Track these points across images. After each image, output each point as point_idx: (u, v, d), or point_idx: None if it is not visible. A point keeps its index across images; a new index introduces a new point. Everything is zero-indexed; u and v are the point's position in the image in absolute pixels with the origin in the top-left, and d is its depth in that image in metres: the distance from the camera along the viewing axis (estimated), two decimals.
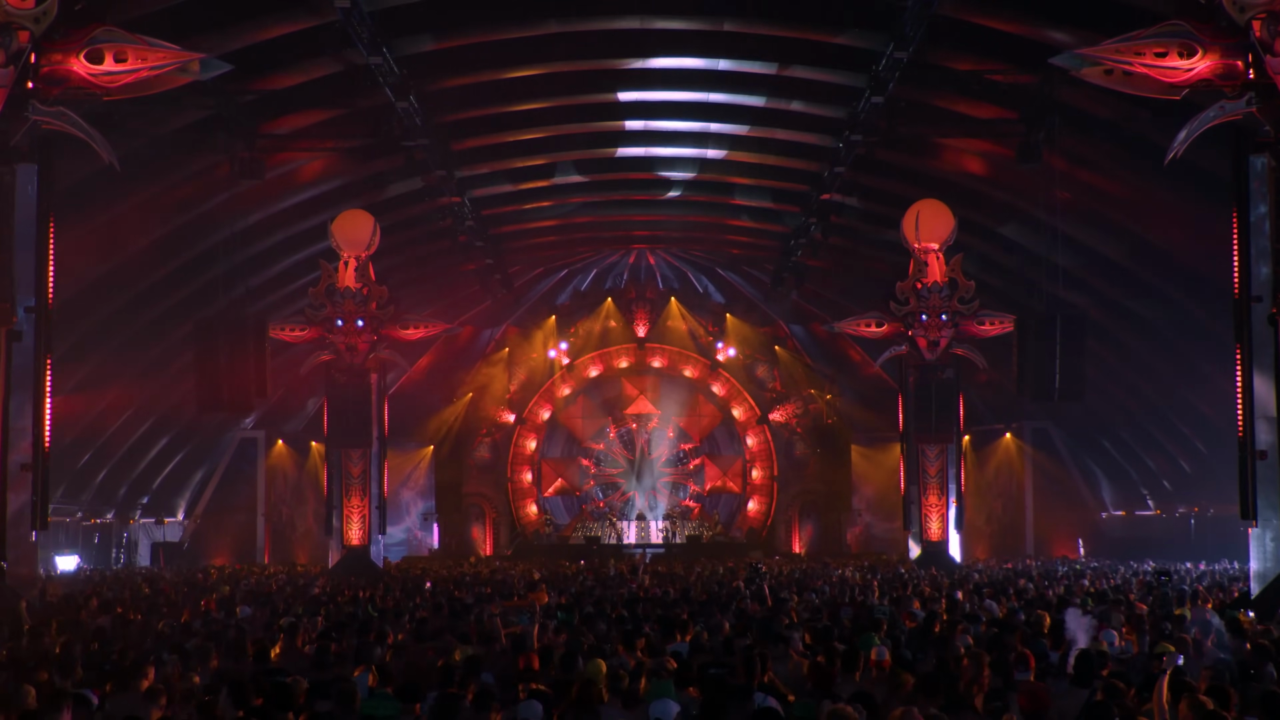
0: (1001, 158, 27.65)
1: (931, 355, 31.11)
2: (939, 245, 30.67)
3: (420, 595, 19.50)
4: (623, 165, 33.83)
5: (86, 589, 22.11)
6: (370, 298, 31.20)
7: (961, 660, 9.64)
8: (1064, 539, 39.96)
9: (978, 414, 39.50)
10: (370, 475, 32.00)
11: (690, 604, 16.41)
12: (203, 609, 16.81)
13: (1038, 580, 22.88)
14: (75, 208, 21.57)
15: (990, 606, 15.52)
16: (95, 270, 25.91)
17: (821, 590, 19.92)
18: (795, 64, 26.19)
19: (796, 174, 32.72)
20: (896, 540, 37.18)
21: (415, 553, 42.58)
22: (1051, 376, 27.97)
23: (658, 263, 45.33)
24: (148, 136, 23.47)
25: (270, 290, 33.13)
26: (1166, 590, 18.54)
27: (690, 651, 10.69)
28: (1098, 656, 9.62)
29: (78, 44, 16.44)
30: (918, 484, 31.97)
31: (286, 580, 26.42)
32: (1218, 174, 19.30)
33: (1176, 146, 16.91)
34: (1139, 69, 16.24)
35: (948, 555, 31.43)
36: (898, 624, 13.00)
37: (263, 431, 40.25)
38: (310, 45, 22.91)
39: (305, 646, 12.04)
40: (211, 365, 28.03)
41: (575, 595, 18.80)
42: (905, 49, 22.16)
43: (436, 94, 26.63)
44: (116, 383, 31.37)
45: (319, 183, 30.38)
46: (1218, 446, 30.01)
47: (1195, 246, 26.21)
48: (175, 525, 39.45)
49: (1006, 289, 33.36)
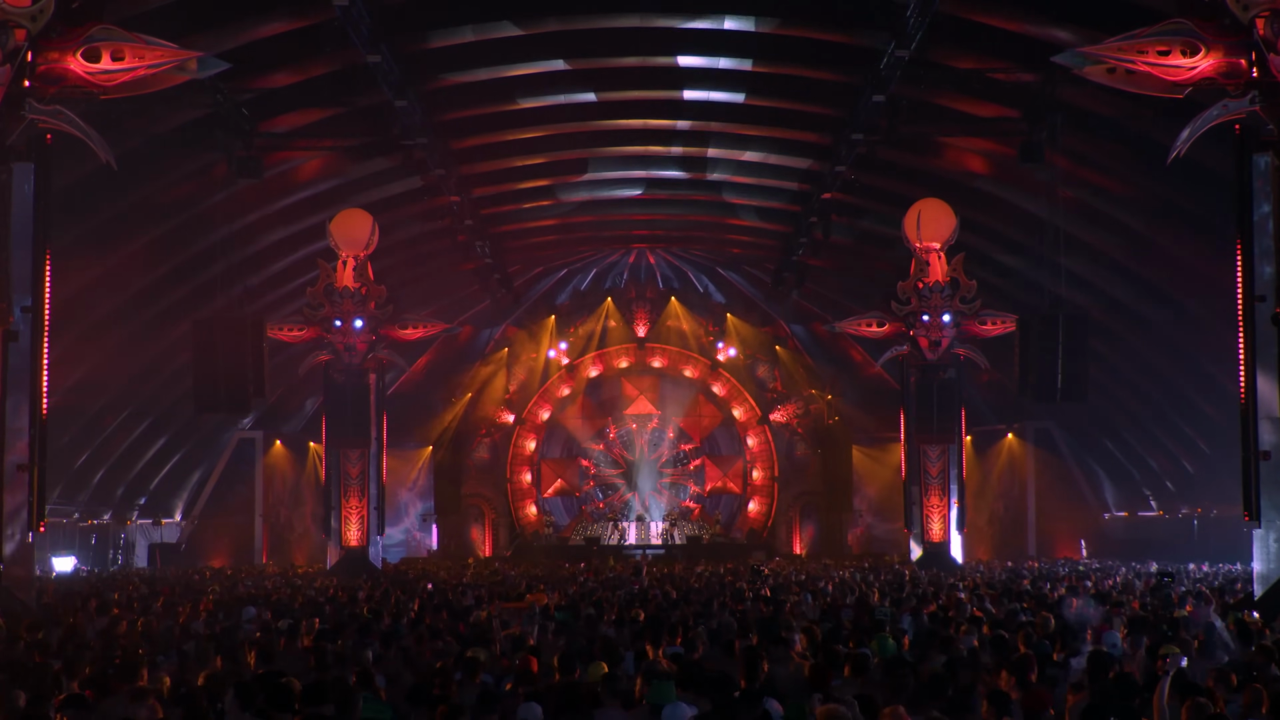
0: (1003, 156, 27.67)
1: (933, 355, 31.12)
2: (941, 244, 30.69)
3: (419, 597, 19.49)
4: (623, 163, 33.84)
5: (84, 590, 22.11)
6: (369, 297, 31.22)
7: (966, 662, 9.65)
8: (1066, 540, 39.95)
9: (980, 414, 39.49)
10: (369, 476, 32.03)
11: (691, 605, 16.42)
12: (201, 610, 16.80)
13: (1035, 581, 22.87)
14: (72, 207, 21.59)
15: (994, 607, 15.51)
16: (92, 270, 25.90)
17: (823, 592, 19.92)
18: (796, 61, 26.20)
19: (797, 173, 32.73)
20: (898, 541, 37.19)
21: (414, 554, 42.57)
22: (1054, 376, 27.97)
23: (658, 262, 45.32)
24: (145, 135, 23.49)
25: (268, 290, 33.13)
26: (1169, 591, 18.54)
27: (690, 653, 10.70)
28: (1107, 658, 9.61)
29: (74, 42, 16.44)
30: (919, 485, 32.00)
31: (284, 581, 26.42)
32: (1221, 173, 19.31)
33: (1179, 145, 16.91)
34: (1142, 67, 16.25)
35: (949, 556, 31.44)
36: (898, 626, 13.02)
37: (261, 432, 40.24)
38: (309, 43, 22.89)
39: (304, 648, 12.04)
40: (209, 365, 28.03)
41: (575, 596, 18.81)
42: (907, 47, 22.15)
43: (435, 92, 26.64)
44: (114, 382, 31.37)
45: (317, 181, 30.39)
46: (1221, 447, 29.96)
47: (1198, 246, 26.23)
48: (173, 526, 39.45)
49: (1008, 288, 33.37)
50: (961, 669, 9.38)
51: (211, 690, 8.59)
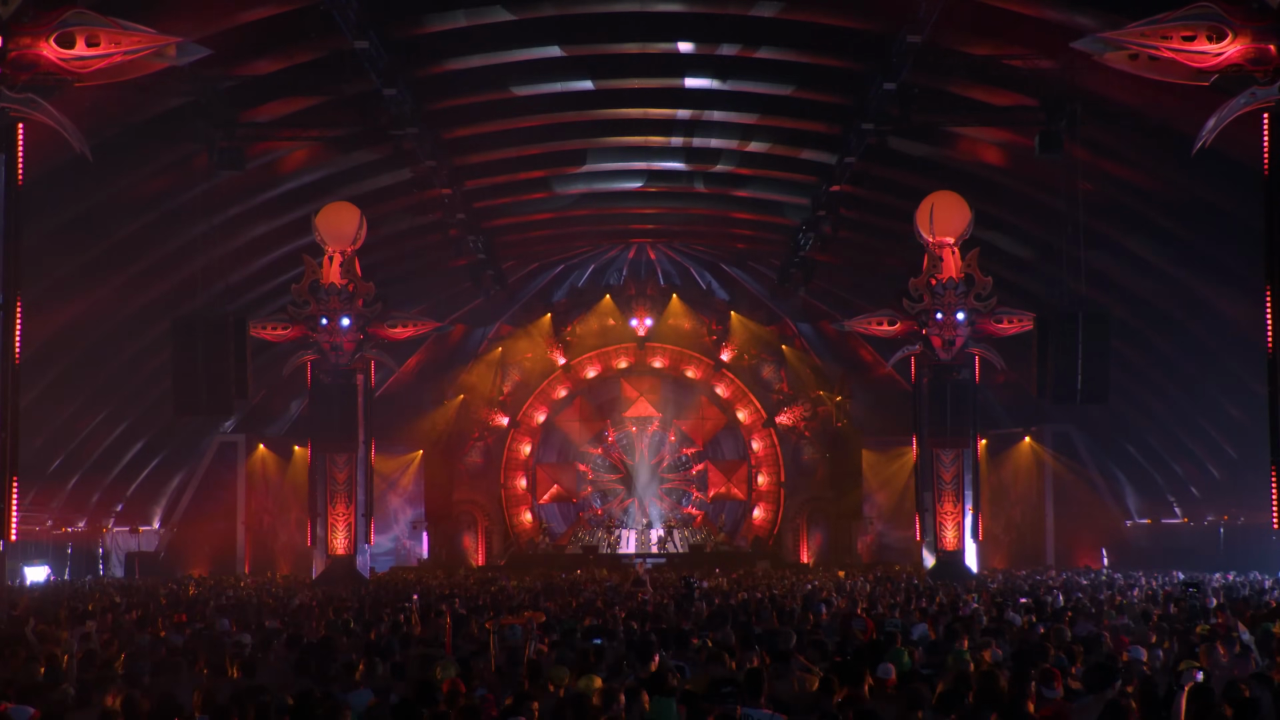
0: (1021, 147, 27.64)
1: (947, 355, 31.11)
2: (954, 239, 30.68)
3: (404, 611, 19.44)
4: (622, 154, 33.84)
5: (59, 601, 22.08)
6: (356, 294, 31.21)
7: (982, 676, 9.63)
8: (1086, 548, 39.94)
9: (995, 417, 39.49)
10: (356, 481, 32.02)
11: (690, 618, 16.41)
12: (178, 622, 16.78)
13: (1046, 591, 22.86)
14: (45, 200, 21.56)
15: (1012, 619, 15.52)
16: (66, 265, 25.90)
17: (829, 603, 19.89)
18: (803, 47, 26.18)
19: (805, 164, 32.73)
20: (910, 550, 37.18)
21: (403, 563, 42.57)
22: (1073, 377, 27.95)
23: (659, 258, 45.33)
24: (122, 125, 23.49)
25: (251, 287, 33.12)
26: (1194, 602, 18.52)
27: (694, 667, 10.69)
28: (1116, 669, 9.62)
29: (48, 27, 16.44)
30: (932, 490, 31.97)
31: (268, 591, 26.39)
32: (1248, 164, 19.28)
33: (1205, 135, 16.92)
34: (1166, 53, 16.26)
35: (964, 565, 31.43)
36: (910, 638, 13.01)
37: (243, 435, 40.22)
38: (293, 28, 22.90)
39: (286, 661, 12.02)
40: (189, 365, 28.01)
41: (574, 610, 18.80)
42: (919, 32, 22.15)
43: (426, 80, 26.64)
44: (89, 384, 31.36)
45: (302, 173, 30.39)
46: (1249, 451, 29.97)
47: (1224, 240, 26.21)
48: (151, 534, 39.42)
49: (1026, 285, 33.36)
50: (977, 683, 9.36)
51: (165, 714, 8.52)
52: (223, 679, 10.63)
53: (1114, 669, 9.50)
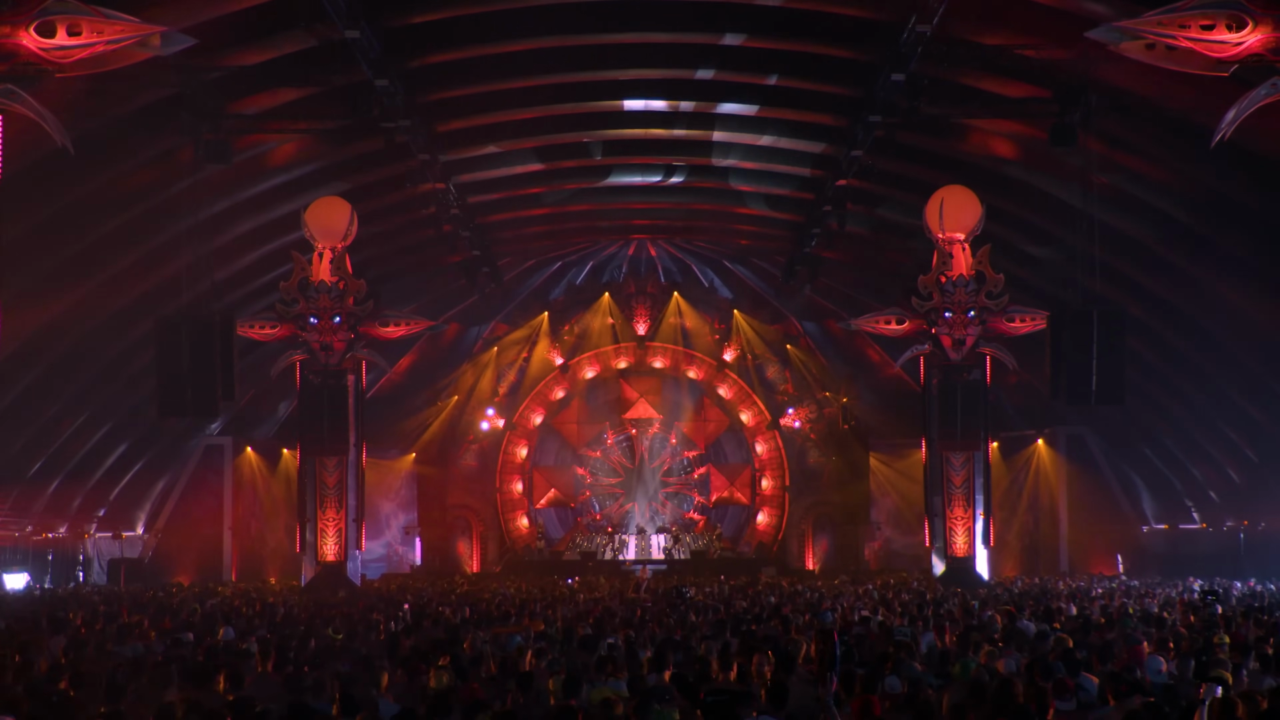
0: (1033, 140, 27.64)
1: (957, 355, 31.10)
2: (965, 235, 30.68)
3: (396, 620, 19.44)
4: (621, 148, 33.82)
5: (39, 609, 22.07)
6: (347, 292, 31.21)
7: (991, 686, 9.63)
8: (1101, 555, 39.94)
9: (1007, 419, 39.48)
10: (347, 485, 32.00)
11: (688, 626, 16.43)
12: (166, 630, 16.77)
13: (1059, 599, 22.86)
14: (25, 194, 21.53)
15: (1026, 627, 15.51)
16: (46, 262, 25.87)
17: (834, 611, 19.89)
18: (809, 37, 26.16)
19: (810, 158, 32.71)
20: (919, 556, 37.18)
21: (396, 569, 42.59)
22: (1088, 378, 27.96)
23: (659, 254, 45.31)
24: (104, 117, 23.45)
25: (238, 284, 33.12)
26: (1213, 612, 18.53)
27: (697, 677, 10.70)
28: (1134, 680, 9.62)
29: (27, 15, 16.41)
30: (942, 495, 31.97)
31: (256, 598, 26.36)
32: (1269, 157, 19.29)
33: (1224, 127, 16.91)
34: (1184, 43, 16.23)
35: (974, 572, 31.42)
36: (918, 647, 13.01)
37: (230, 438, 40.21)
38: (282, 17, 22.87)
39: (275, 672, 12.02)
40: (174, 366, 28.01)
41: (571, 618, 18.82)
42: (929, 21, 22.12)
43: (419, 71, 26.61)
44: (70, 385, 31.33)
45: (291, 167, 30.36)
46: (1270, 454, 30.03)
47: (1244, 236, 26.20)
48: (135, 540, 39.41)
49: (1038, 283, 33.35)
50: (993, 693, 9.36)
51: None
52: (210, 691, 10.62)
53: (1132, 680, 9.51)
